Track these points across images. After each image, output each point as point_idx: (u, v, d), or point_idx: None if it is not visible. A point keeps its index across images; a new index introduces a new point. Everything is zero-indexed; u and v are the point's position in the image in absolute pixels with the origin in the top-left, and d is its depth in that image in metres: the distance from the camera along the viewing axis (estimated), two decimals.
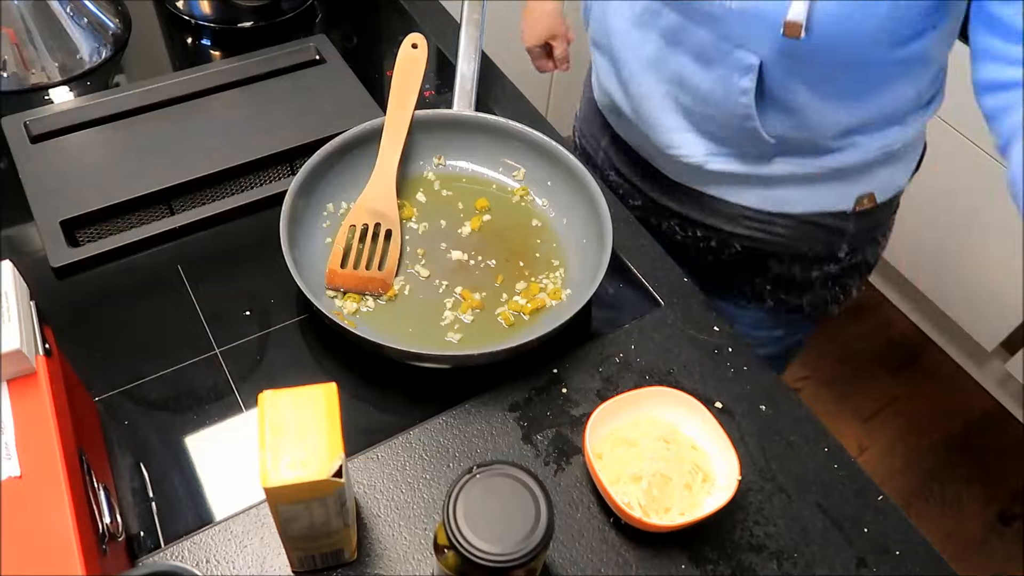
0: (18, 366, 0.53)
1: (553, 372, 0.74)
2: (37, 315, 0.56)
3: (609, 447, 0.66)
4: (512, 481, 0.52)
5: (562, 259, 0.81)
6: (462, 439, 0.69)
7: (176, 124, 0.91)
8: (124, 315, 0.75)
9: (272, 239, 0.72)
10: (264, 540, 0.62)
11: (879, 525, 0.66)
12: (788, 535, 0.65)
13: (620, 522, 0.65)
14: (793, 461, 0.70)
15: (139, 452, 0.67)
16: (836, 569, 0.52)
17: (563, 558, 0.63)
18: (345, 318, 0.74)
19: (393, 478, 0.66)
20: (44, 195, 0.82)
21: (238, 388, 0.71)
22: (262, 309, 0.76)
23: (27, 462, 0.51)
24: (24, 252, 0.79)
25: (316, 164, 0.79)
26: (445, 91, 1.00)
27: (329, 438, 0.51)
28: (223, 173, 0.87)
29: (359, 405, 0.71)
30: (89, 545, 0.50)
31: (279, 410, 0.52)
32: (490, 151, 0.87)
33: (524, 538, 0.50)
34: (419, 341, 0.74)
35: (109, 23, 1.01)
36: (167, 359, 0.72)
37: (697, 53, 0.76)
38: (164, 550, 0.61)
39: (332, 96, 0.96)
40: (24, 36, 0.93)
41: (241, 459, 0.67)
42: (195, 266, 0.79)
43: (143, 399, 0.70)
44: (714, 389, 0.73)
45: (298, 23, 1.08)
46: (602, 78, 0.92)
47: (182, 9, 1.05)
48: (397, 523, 0.64)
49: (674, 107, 0.82)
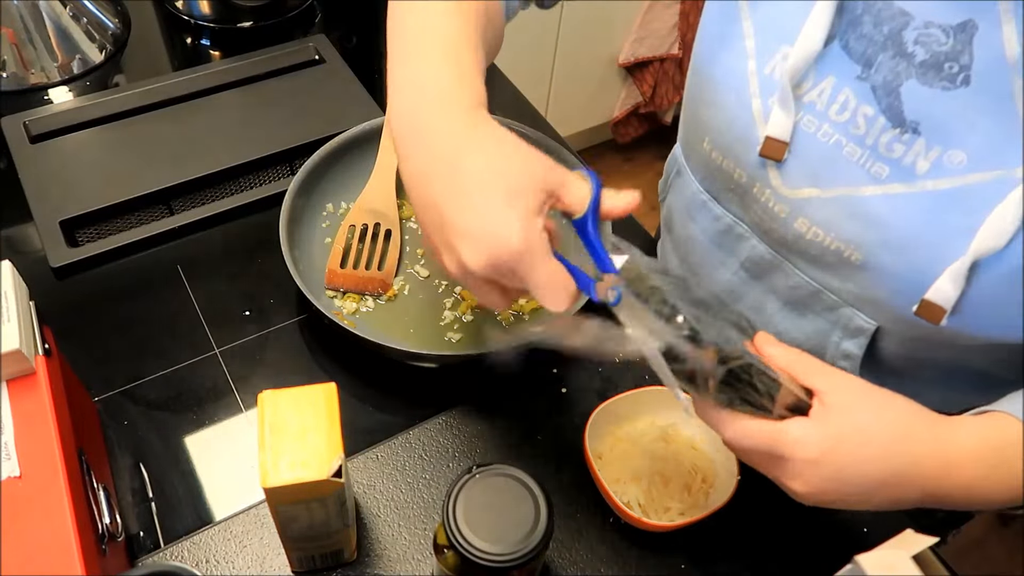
0: (18, 366, 0.53)
1: (553, 372, 0.74)
2: (37, 315, 0.56)
3: (609, 447, 0.66)
4: (512, 481, 0.52)
5: None
6: (462, 439, 0.69)
7: (176, 124, 0.91)
8: (124, 315, 0.75)
9: (272, 239, 0.72)
10: (264, 540, 0.62)
11: (879, 525, 0.66)
12: (787, 535, 0.65)
13: (620, 522, 0.65)
14: None
15: (139, 452, 0.67)
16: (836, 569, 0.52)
17: (563, 558, 0.63)
18: (345, 318, 0.74)
19: (393, 478, 0.66)
20: (44, 195, 0.82)
21: (238, 388, 0.71)
22: (262, 309, 0.76)
23: (27, 462, 0.51)
24: (24, 252, 0.79)
25: (316, 164, 0.79)
26: None
27: (329, 438, 0.51)
28: (223, 173, 0.87)
29: (359, 405, 0.71)
30: (89, 545, 0.50)
31: (279, 410, 0.52)
32: None
33: (524, 538, 0.50)
34: (419, 341, 0.74)
35: (108, 23, 1.01)
36: (167, 359, 0.72)
37: (789, 299, 0.66)
38: (164, 550, 0.61)
39: (332, 96, 0.96)
40: (24, 36, 0.93)
41: (241, 459, 0.67)
42: (195, 266, 0.79)
43: (143, 399, 0.70)
44: None
45: (298, 23, 1.08)
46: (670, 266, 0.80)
47: (181, 9, 1.05)
48: (397, 523, 0.64)
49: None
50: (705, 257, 0.73)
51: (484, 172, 0.46)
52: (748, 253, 0.68)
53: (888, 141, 0.54)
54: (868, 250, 0.57)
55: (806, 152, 0.58)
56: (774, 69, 0.58)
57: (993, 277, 0.52)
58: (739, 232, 0.67)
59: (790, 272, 0.65)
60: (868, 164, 0.56)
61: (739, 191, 0.64)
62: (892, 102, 0.53)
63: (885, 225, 0.56)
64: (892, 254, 0.56)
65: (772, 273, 0.67)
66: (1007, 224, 0.50)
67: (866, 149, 0.55)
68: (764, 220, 0.63)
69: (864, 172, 0.56)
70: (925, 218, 0.54)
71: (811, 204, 0.59)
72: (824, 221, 0.59)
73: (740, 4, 0.60)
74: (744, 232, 0.67)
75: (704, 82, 0.64)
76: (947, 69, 0.51)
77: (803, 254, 0.62)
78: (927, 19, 0.51)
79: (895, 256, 0.56)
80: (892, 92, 0.53)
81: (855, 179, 0.56)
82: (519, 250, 0.44)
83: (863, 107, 0.55)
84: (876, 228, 0.56)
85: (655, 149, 2.37)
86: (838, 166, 0.57)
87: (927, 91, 0.52)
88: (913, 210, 0.54)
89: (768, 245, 0.66)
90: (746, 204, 0.65)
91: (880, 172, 0.55)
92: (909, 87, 0.52)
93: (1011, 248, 0.51)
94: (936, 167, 0.53)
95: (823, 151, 0.57)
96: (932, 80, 0.51)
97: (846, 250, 0.59)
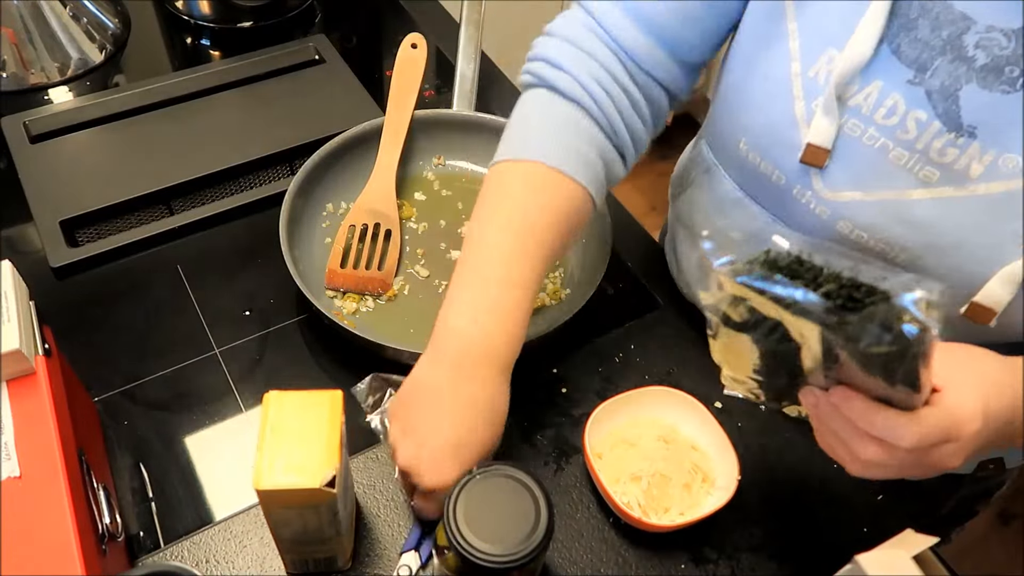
0: (18, 366, 0.53)
1: (553, 372, 0.74)
2: (37, 315, 0.56)
3: (609, 447, 0.66)
4: (512, 482, 0.52)
5: (562, 259, 0.81)
6: None
7: (176, 124, 0.91)
8: (124, 315, 0.75)
9: (272, 239, 0.72)
10: (264, 540, 0.62)
11: (879, 525, 0.66)
12: (787, 535, 0.65)
13: (620, 522, 0.65)
14: (793, 460, 0.70)
15: (139, 452, 0.67)
16: (835, 569, 0.52)
17: (563, 558, 0.63)
18: (345, 318, 0.74)
19: (393, 478, 0.66)
20: (44, 195, 0.82)
21: (237, 388, 0.71)
22: (262, 309, 0.76)
23: (27, 462, 0.51)
24: (24, 252, 0.79)
25: (316, 164, 0.79)
26: (445, 91, 1.00)
27: (327, 447, 0.51)
28: (223, 173, 0.87)
29: (359, 405, 0.71)
30: (89, 545, 0.50)
31: (282, 412, 0.52)
32: (490, 151, 0.86)
33: (524, 539, 0.50)
34: (419, 341, 0.73)
35: (108, 23, 1.01)
36: (167, 359, 0.72)
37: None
38: (164, 550, 0.61)
39: (332, 96, 0.96)
40: (24, 36, 0.93)
41: (241, 459, 0.67)
42: (195, 266, 0.79)
43: (143, 399, 0.70)
44: (714, 389, 0.73)
45: (298, 23, 1.08)
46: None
47: (181, 9, 1.05)
48: (397, 523, 0.64)
49: None
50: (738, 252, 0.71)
51: (462, 437, 0.58)
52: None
53: (941, 146, 0.54)
54: (914, 252, 0.57)
55: (850, 156, 0.58)
56: (819, 72, 0.57)
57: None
58: (777, 229, 0.65)
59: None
60: (917, 168, 0.55)
61: (777, 192, 0.63)
62: (949, 107, 0.53)
63: (933, 229, 0.55)
64: (939, 257, 0.56)
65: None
66: None
67: (915, 153, 0.55)
68: (805, 221, 0.63)
69: (911, 176, 0.55)
70: (976, 221, 0.54)
71: (853, 207, 0.59)
72: (867, 224, 0.58)
73: (787, 4, 0.59)
74: (782, 231, 0.65)
75: (743, 83, 0.63)
76: (1007, 73, 0.51)
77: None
78: (989, 23, 0.51)
79: (942, 259, 0.56)
80: (950, 97, 0.53)
81: (901, 183, 0.56)
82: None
83: (914, 112, 0.54)
84: (923, 231, 0.56)
85: (655, 150, 2.35)
86: (883, 170, 0.56)
87: (987, 95, 0.52)
88: (963, 214, 0.54)
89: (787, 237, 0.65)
90: (785, 205, 0.64)
91: (930, 176, 0.55)
92: (968, 91, 0.52)
93: None
94: (990, 171, 0.52)
95: (868, 155, 0.57)
96: (992, 84, 0.51)
97: (890, 252, 0.58)
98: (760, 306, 0.42)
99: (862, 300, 0.39)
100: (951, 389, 0.46)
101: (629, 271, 0.83)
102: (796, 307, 0.39)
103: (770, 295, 0.40)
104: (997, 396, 0.48)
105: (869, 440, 0.46)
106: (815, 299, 0.39)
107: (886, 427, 0.45)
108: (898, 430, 0.45)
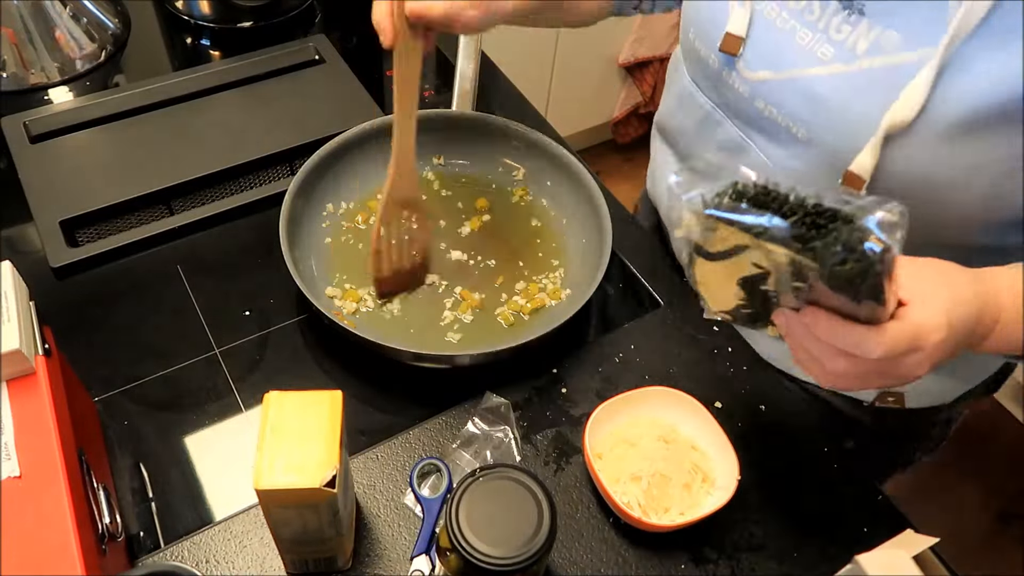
0: (18, 366, 0.53)
1: (553, 372, 0.74)
2: (37, 315, 0.56)
3: (609, 447, 0.66)
4: (515, 484, 0.52)
5: (562, 259, 0.81)
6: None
7: (176, 124, 0.91)
8: (124, 315, 0.75)
9: (272, 239, 0.72)
10: (264, 540, 0.62)
11: (878, 525, 0.66)
12: (787, 535, 0.65)
13: (620, 522, 0.65)
14: (793, 461, 0.70)
15: (139, 452, 0.67)
16: (836, 569, 0.52)
17: (563, 558, 0.63)
18: (345, 318, 0.74)
19: (393, 478, 0.66)
20: (44, 195, 0.82)
21: (237, 388, 0.71)
22: (262, 309, 0.76)
23: (27, 462, 0.51)
24: (24, 252, 0.79)
25: (316, 164, 0.79)
26: (445, 91, 1.00)
27: (327, 447, 0.51)
28: (223, 173, 0.87)
29: (359, 405, 0.71)
30: (89, 545, 0.50)
31: (283, 412, 0.52)
32: (490, 151, 0.87)
33: (527, 541, 0.50)
34: (419, 341, 0.74)
35: (108, 23, 1.01)
36: (167, 359, 0.72)
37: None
38: (164, 550, 0.61)
39: (332, 96, 0.96)
40: (24, 36, 0.93)
41: (241, 459, 0.67)
42: (195, 266, 0.79)
43: (143, 399, 0.70)
44: (714, 389, 0.73)
45: (298, 23, 1.08)
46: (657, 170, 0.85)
47: (181, 9, 1.05)
48: (397, 523, 0.64)
49: None
50: (690, 147, 0.77)
51: None
52: (722, 136, 0.71)
53: (838, 23, 0.59)
54: (810, 126, 0.62)
55: (764, 38, 0.64)
56: None
57: (903, 152, 0.56)
58: (716, 118, 0.71)
59: (754, 153, 0.68)
60: (816, 47, 0.61)
61: (713, 77, 0.69)
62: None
63: (825, 102, 0.60)
64: (830, 130, 0.60)
65: (741, 155, 0.70)
66: (915, 97, 0.54)
67: (817, 33, 0.60)
68: (733, 102, 0.68)
69: (811, 55, 0.61)
70: (859, 94, 0.58)
71: (766, 86, 0.64)
72: (777, 101, 0.64)
73: None
74: (720, 118, 0.71)
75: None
76: None
77: (762, 132, 0.67)
78: None
79: (832, 131, 0.60)
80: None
81: (803, 61, 0.61)
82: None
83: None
84: (818, 105, 0.61)
85: None
86: (790, 51, 0.62)
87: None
88: (849, 88, 0.59)
89: (737, 128, 0.70)
90: (719, 89, 0.69)
91: (826, 54, 0.60)
92: None
93: (919, 122, 0.55)
94: (874, 47, 0.57)
95: (778, 37, 0.63)
96: None
97: (793, 126, 0.63)
98: (730, 236, 0.43)
99: (826, 224, 0.40)
100: (916, 302, 0.48)
101: (629, 271, 0.83)
102: (765, 234, 0.41)
103: (739, 224, 0.42)
104: (961, 306, 0.50)
105: (837, 353, 0.48)
106: (782, 224, 0.41)
107: (853, 341, 0.46)
108: (865, 343, 0.46)
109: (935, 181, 0.57)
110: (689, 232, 0.45)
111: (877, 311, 0.45)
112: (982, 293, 0.52)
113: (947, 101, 0.54)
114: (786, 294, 0.46)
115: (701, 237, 0.45)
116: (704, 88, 0.72)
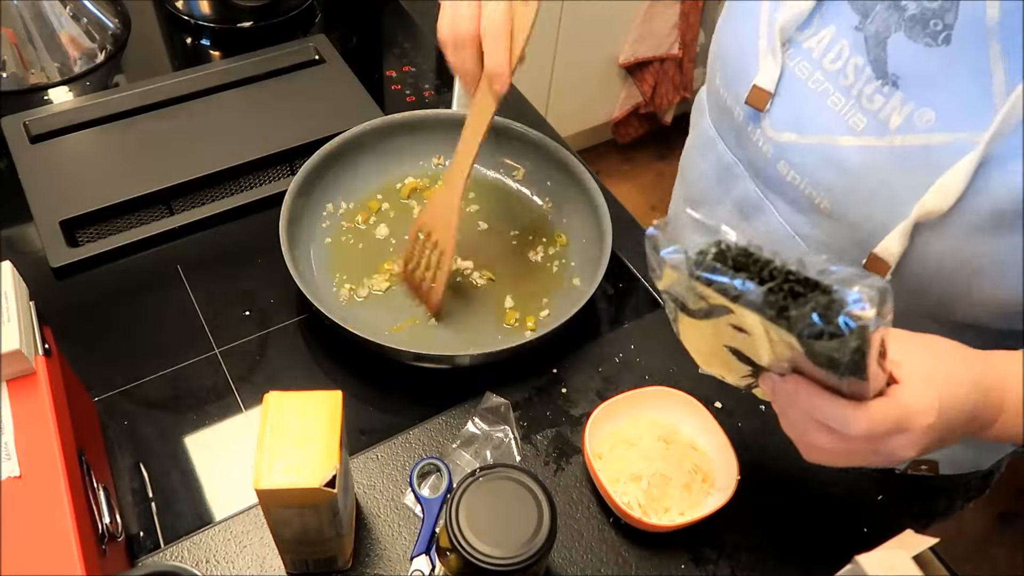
0: (18, 366, 0.53)
1: (553, 372, 0.74)
2: (37, 315, 0.56)
3: (609, 447, 0.66)
4: (515, 484, 0.52)
5: (562, 259, 0.81)
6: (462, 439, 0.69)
7: (176, 124, 0.91)
8: (124, 315, 0.75)
9: (272, 239, 0.72)
10: (264, 540, 0.62)
11: (878, 525, 0.66)
12: (787, 535, 0.65)
13: (620, 522, 0.65)
14: (793, 461, 0.70)
15: (139, 452, 0.67)
16: (836, 569, 0.52)
17: (563, 558, 0.63)
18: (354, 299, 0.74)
19: (393, 478, 0.66)
20: (44, 195, 0.82)
21: (237, 388, 0.71)
22: (262, 309, 0.76)
23: (27, 462, 0.51)
24: (24, 252, 0.79)
25: (316, 164, 0.79)
26: (445, 91, 1.00)
27: (327, 447, 0.51)
28: (223, 173, 0.87)
29: (359, 405, 0.71)
30: (89, 545, 0.50)
31: (282, 412, 0.52)
32: (490, 151, 0.87)
33: (527, 541, 0.50)
34: (419, 341, 0.74)
35: (108, 23, 1.01)
36: (167, 359, 0.72)
37: (765, 243, 0.67)
38: (164, 550, 0.61)
39: (332, 96, 0.96)
40: (23, 36, 0.93)
41: (241, 459, 0.67)
42: (195, 266, 0.79)
43: (143, 399, 0.70)
44: (714, 389, 0.73)
45: (298, 23, 1.08)
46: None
47: (181, 9, 1.05)
48: (397, 523, 0.64)
49: None
50: (707, 194, 0.73)
51: None
52: (740, 192, 0.68)
53: (871, 92, 0.55)
54: (836, 198, 0.59)
55: (794, 98, 0.60)
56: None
57: (934, 240, 0.53)
58: (736, 172, 0.68)
59: (770, 215, 0.66)
60: (848, 115, 0.57)
61: (737, 129, 0.66)
62: (879, 53, 0.55)
63: (854, 175, 0.57)
64: (856, 205, 0.57)
65: (757, 215, 0.67)
66: (954, 187, 0.51)
67: (850, 99, 0.57)
68: (755, 160, 0.65)
69: (843, 122, 0.57)
70: (890, 172, 0.55)
71: (791, 148, 0.60)
72: (801, 166, 0.60)
73: None
74: (739, 172, 0.68)
75: (726, 16, 0.66)
76: (932, 26, 0.52)
77: (783, 196, 0.64)
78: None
79: (859, 207, 0.57)
80: (880, 43, 0.55)
81: (834, 128, 0.58)
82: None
83: (855, 57, 0.56)
84: (846, 177, 0.57)
85: (655, 149, 2.37)
86: (821, 114, 0.58)
87: (911, 46, 0.53)
88: (880, 163, 0.55)
89: (756, 186, 0.67)
90: (742, 143, 0.66)
91: (858, 124, 0.56)
92: (896, 40, 0.54)
93: (953, 214, 0.52)
94: (907, 123, 0.54)
95: (810, 99, 0.59)
96: (917, 35, 0.53)
97: (817, 196, 0.60)
98: (710, 296, 0.42)
99: (804, 293, 0.39)
100: (907, 382, 0.46)
101: (629, 271, 0.83)
102: (740, 298, 0.40)
103: (716, 285, 0.41)
104: (958, 390, 0.48)
105: (820, 427, 0.47)
106: (756, 289, 0.39)
107: (834, 415, 0.45)
108: (846, 419, 0.45)
109: (965, 270, 0.54)
110: (671, 287, 0.44)
111: (863, 387, 0.44)
112: (984, 381, 0.49)
113: (985, 193, 0.51)
114: (770, 360, 0.45)
115: (682, 294, 0.44)
116: (726, 139, 0.69)
